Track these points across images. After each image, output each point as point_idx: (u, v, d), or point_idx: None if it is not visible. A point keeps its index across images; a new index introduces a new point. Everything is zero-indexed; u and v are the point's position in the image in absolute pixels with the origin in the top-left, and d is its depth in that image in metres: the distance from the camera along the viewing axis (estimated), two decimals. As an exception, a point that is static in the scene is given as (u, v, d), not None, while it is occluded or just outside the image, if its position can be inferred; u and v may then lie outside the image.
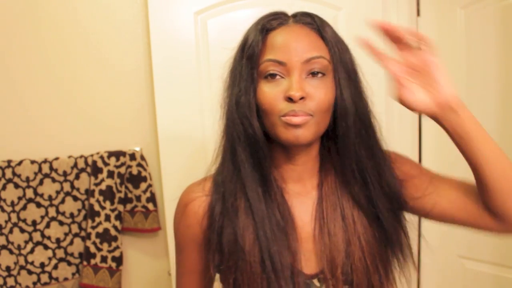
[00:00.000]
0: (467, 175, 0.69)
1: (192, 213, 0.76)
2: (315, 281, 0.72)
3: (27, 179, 1.48)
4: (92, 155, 1.51)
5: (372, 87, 0.76)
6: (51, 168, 1.49)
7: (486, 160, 0.65)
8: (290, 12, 0.75)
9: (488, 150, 0.65)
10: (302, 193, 0.76)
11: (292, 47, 0.67)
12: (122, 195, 1.52)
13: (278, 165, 0.76)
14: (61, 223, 1.50)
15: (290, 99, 0.65)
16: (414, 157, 1.53)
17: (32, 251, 1.49)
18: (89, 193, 1.50)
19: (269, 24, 0.71)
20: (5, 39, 1.51)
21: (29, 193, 1.48)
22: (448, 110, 0.64)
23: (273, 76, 0.67)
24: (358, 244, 0.71)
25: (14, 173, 1.47)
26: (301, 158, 0.74)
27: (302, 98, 0.65)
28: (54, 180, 1.49)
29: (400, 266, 0.77)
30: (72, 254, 1.52)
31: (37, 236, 1.49)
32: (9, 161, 1.48)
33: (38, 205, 1.49)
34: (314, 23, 0.71)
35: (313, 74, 0.67)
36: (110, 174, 1.49)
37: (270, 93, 0.68)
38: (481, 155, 0.65)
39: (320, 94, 0.67)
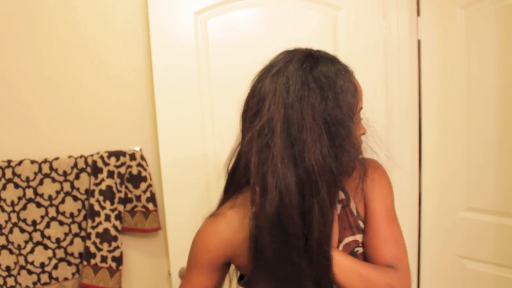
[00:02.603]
0: (467, 175, 0.69)
1: (217, 245, 0.83)
2: None
3: (27, 179, 1.48)
4: (92, 155, 1.51)
5: (372, 89, 0.76)
6: (51, 168, 1.49)
7: None
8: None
9: None
10: None
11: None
12: (122, 195, 1.52)
13: None
14: (61, 223, 1.50)
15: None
16: (414, 157, 1.53)
17: (32, 251, 1.49)
18: (89, 193, 1.50)
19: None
20: (3, 39, 1.51)
21: (29, 193, 1.48)
22: None
23: None
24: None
25: (14, 173, 1.47)
26: None
27: None
28: (54, 180, 1.49)
29: None
30: (72, 254, 1.52)
31: (37, 236, 1.49)
32: (9, 161, 1.48)
33: (38, 205, 1.49)
34: None
35: None
36: (110, 174, 1.49)
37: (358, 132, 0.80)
38: None
39: None
